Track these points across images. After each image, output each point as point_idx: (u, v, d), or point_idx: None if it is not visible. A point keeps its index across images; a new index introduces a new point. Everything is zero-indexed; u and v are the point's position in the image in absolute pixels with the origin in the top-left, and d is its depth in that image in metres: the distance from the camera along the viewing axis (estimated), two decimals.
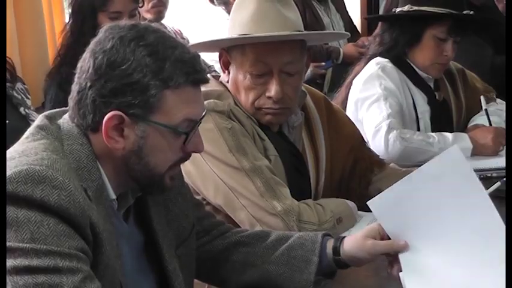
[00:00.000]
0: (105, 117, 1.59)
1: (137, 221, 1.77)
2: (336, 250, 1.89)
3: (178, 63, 1.61)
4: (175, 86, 1.61)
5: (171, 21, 4.48)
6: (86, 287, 1.48)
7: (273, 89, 2.28)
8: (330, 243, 1.90)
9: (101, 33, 1.64)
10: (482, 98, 3.25)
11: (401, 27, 3.18)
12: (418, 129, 3.13)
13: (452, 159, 1.80)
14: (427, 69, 3.17)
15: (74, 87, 1.65)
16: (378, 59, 3.20)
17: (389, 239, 1.85)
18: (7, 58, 3.25)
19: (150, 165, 1.65)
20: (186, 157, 1.72)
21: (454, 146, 1.86)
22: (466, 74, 3.43)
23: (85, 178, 1.60)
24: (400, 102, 3.09)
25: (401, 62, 3.17)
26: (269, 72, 2.28)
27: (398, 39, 3.18)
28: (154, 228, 1.77)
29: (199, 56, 1.68)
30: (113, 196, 1.67)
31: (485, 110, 3.19)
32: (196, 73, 1.64)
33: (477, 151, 3.00)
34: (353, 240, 1.89)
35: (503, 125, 3.30)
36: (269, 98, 2.29)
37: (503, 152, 2.99)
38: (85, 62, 1.63)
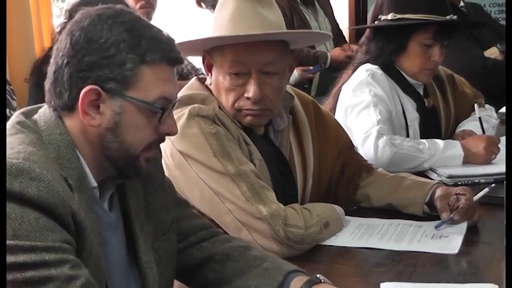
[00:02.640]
0: (82, 92, 1.60)
1: (120, 210, 1.77)
2: None
3: (154, 40, 1.65)
4: (152, 61, 1.63)
5: (159, 23, 4.45)
6: (76, 273, 1.48)
7: (251, 90, 2.26)
8: (296, 282, 1.82)
9: (77, 16, 1.66)
10: (476, 106, 3.22)
11: (386, 37, 3.15)
12: (408, 137, 3.10)
13: None
14: (416, 75, 3.15)
15: (50, 69, 1.66)
16: (368, 65, 3.17)
17: None
18: None
19: (126, 143, 1.65)
20: (160, 139, 1.73)
21: None
22: (455, 79, 3.41)
23: (65, 167, 1.60)
24: (390, 109, 3.06)
25: (390, 69, 3.14)
26: (248, 73, 2.27)
27: (384, 49, 3.16)
28: (132, 218, 1.77)
29: (174, 40, 1.71)
30: (94, 184, 1.67)
31: (479, 118, 3.16)
32: (171, 51, 1.68)
33: (469, 159, 2.98)
34: None
35: (491, 131, 3.29)
36: (248, 99, 2.28)
37: (494, 160, 2.96)
38: (61, 43, 1.65)
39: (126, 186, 1.77)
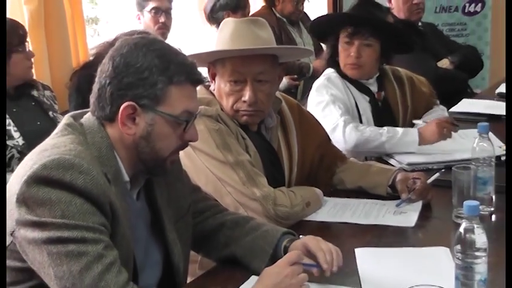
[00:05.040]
0: (121, 107, 1.61)
1: (145, 200, 1.78)
2: (286, 249, 1.87)
3: (180, 65, 1.65)
4: (178, 82, 1.64)
5: (173, 40, 4.45)
6: (107, 253, 1.50)
7: (247, 95, 2.26)
8: (286, 241, 1.88)
9: (117, 44, 1.67)
10: (414, 121, 3.16)
11: (327, 42, 3.16)
12: (361, 123, 3.06)
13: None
14: (344, 69, 3.09)
15: (95, 86, 1.67)
16: (327, 70, 3.15)
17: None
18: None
19: (156, 149, 1.66)
20: (184, 145, 1.74)
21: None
22: (414, 80, 3.34)
23: (105, 164, 1.61)
24: (346, 104, 3.03)
25: (342, 71, 3.11)
26: (244, 81, 2.27)
27: (327, 52, 3.17)
28: (159, 205, 1.78)
29: (195, 63, 1.72)
30: (127, 178, 1.68)
31: (424, 122, 3.12)
32: (194, 74, 1.68)
33: (427, 139, 2.90)
34: (295, 245, 1.85)
35: None
36: (244, 102, 2.27)
37: (441, 149, 2.94)
38: (104, 66, 1.66)
39: (153, 180, 1.78)
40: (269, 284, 1.63)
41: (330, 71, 3.13)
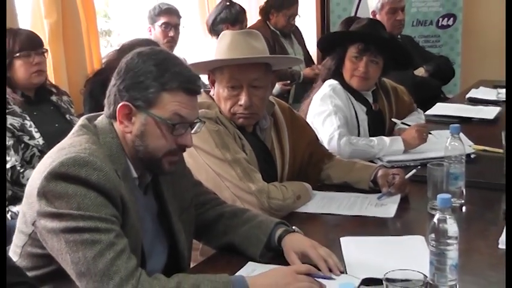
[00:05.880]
0: (118, 106, 1.62)
1: (153, 194, 1.78)
2: (280, 238, 1.85)
3: (176, 74, 1.63)
4: (170, 89, 1.62)
5: (178, 50, 4.44)
6: (118, 241, 1.50)
7: (243, 99, 2.26)
8: (280, 231, 1.86)
9: (129, 54, 1.69)
10: (393, 119, 3.15)
11: (334, 54, 3.09)
12: (359, 133, 3.05)
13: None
14: (350, 81, 3.04)
15: (107, 89, 1.69)
16: (331, 81, 3.08)
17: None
18: (48, 81, 3.27)
19: (149, 148, 1.65)
20: (178, 149, 1.70)
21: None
22: (398, 90, 3.34)
23: (115, 162, 1.61)
24: (346, 115, 2.99)
25: (344, 83, 3.07)
26: (240, 86, 2.26)
27: (332, 63, 3.10)
28: (165, 199, 1.78)
29: (198, 75, 1.70)
30: (135, 175, 1.68)
31: (402, 123, 3.11)
32: (188, 83, 1.65)
33: (411, 145, 2.90)
34: (291, 243, 1.82)
35: None
36: (241, 105, 2.27)
37: (418, 148, 2.93)
38: (115, 71, 1.67)
39: (159, 177, 1.78)
40: (267, 284, 1.59)
41: (334, 82, 3.06)
